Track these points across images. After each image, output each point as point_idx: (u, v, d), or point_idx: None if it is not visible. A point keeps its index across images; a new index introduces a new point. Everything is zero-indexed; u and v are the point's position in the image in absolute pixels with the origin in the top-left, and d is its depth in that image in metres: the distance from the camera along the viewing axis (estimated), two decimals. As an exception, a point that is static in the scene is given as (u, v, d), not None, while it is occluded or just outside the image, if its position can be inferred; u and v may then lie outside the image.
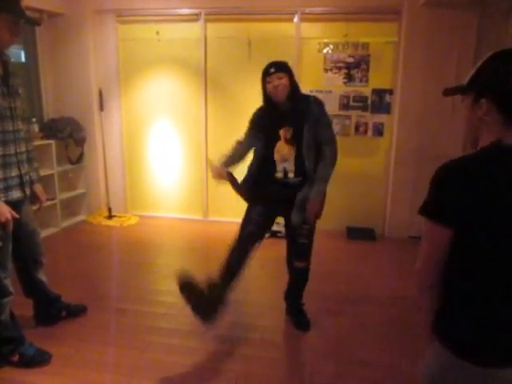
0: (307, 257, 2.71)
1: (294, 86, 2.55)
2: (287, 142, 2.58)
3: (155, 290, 3.34)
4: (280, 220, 2.84)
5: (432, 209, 1.12)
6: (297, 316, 2.89)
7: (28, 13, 4.00)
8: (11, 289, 2.31)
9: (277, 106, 2.57)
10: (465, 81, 1.18)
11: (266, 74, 2.54)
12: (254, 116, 2.71)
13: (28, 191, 2.37)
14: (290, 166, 2.60)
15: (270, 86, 2.51)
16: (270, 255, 3.96)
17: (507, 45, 3.02)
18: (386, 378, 2.35)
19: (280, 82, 2.49)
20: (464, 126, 1.23)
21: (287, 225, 2.75)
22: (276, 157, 2.61)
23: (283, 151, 2.60)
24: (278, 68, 2.51)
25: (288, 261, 2.81)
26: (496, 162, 1.07)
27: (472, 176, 1.06)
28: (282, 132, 2.57)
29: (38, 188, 2.52)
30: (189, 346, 2.61)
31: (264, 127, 2.63)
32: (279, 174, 2.62)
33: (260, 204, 2.66)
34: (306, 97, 2.64)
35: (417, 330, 2.76)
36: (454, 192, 1.07)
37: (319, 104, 2.60)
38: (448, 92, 1.26)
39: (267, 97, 2.58)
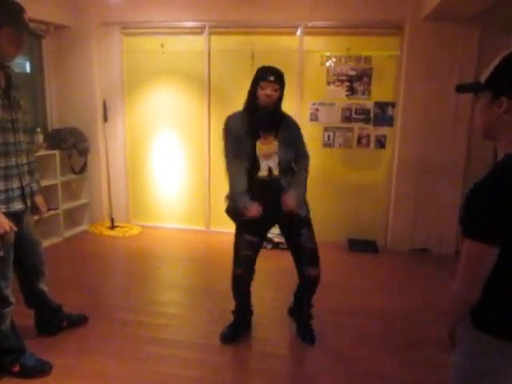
0: (319, 262, 2.64)
1: (279, 100, 2.54)
2: (269, 139, 2.55)
3: (157, 301, 3.34)
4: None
5: (479, 230, 1.11)
6: (303, 329, 2.83)
7: (34, 25, 4.09)
8: (12, 299, 2.31)
9: (258, 109, 2.53)
10: (482, 78, 1.18)
11: (263, 78, 2.48)
12: (228, 130, 2.63)
13: (29, 202, 2.39)
14: (274, 164, 2.54)
15: (262, 93, 2.47)
16: (273, 267, 3.97)
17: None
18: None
19: (273, 93, 2.47)
20: (478, 125, 1.24)
21: (284, 231, 2.72)
22: (259, 154, 2.54)
23: (266, 149, 2.55)
24: (277, 79, 2.48)
25: (299, 270, 2.68)
26: None
27: (507, 190, 1.07)
28: (262, 133, 2.54)
29: (39, 199, 2.53)
30: (190, 358, 2.59)
31: (244, 132, 2.54)
32: (263, 173, 2.55)
33: (250, 222, 2.54)
34: (284, 114, 2.65)
35: (419, 342, 2.75)
36: (495, 209, 1.07)
37: (293, 120, 2.70)
38: (461, 88, 1.27)
39: (254, 98, 2.53)
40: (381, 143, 4.57)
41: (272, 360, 2.59)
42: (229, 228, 4.95)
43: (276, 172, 2.56)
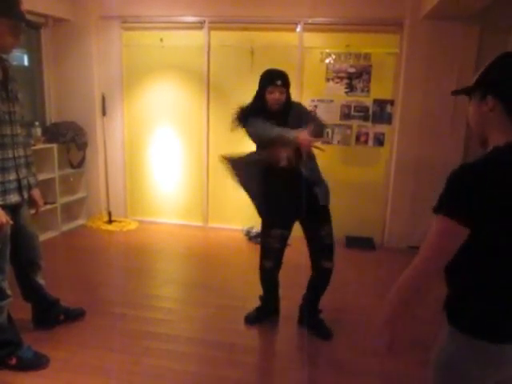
0: (334, 257, 2.73)
1: (288, 99, 2.63)
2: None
3: (154, 296, 3.34)
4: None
5: (449, 207, 1.13)
6: (319, 326, 2.86)
7: (33, 17, 4.07)
8: (9, 292, 2.31)
9: (267, 112, 2.59)
10: (472, 81, 1.23)
11: (270, 82, 2.55)
12: (246, 116, 2.66)
13: (26, 195, 2.39)
14: (291, 154, 2.51)
15: (271, 97, 2.55)
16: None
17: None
18: (384, 388, 2.35)
19: (281, 96, 2.55)
20: (471, 128, 1.28)
21: (304, 223, 2.76)
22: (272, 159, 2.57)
23: (279, 152, 2.55)
24: (283, 82, 2.56)
25: (313, 262, 2.76)
26: (509, 163, 1.11)
27: (487, 177, 1.09)
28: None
29: (36, 192, 2.54)
30: (187, 352, 2.60)
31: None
32: (283, 163, 2.52)
33: (277, 217, 2.69)
34: (294, 104, 2.72)
35: (415, 339, 2.77)
36: (470, 192, 1.09)
37: (299, 103, 2.80)
38: (456, 92, 1.33)
39: (262, 102, 2.60)
40: (379, 141, 4.58)
41: (270, 356, 2.60)
42: (226, 224, 5.00)
43: (293, 162, 2.52)
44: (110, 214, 5.10)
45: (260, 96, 2.62)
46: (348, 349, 2.69)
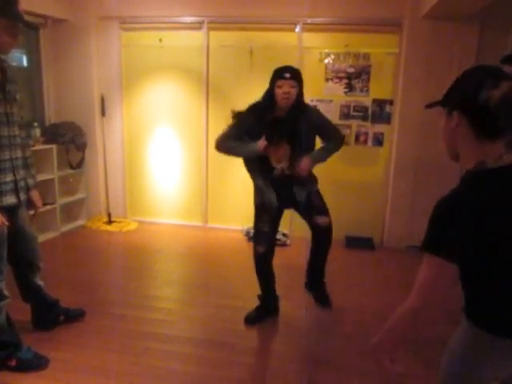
0: (327, 212, 2.78)
1: (300, 97, 2.58)
2: (281, 144, 2.61)
3: (154, 296, 3.34)
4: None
5: (433, 245, 1.15)
6: (320, 294, 2.98)
7: (32, 18, 4.06)
8: (6, 292, 2.30)
9: (276, 109, 2.57)
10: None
11: (278, 76, 2.51)
12: (242, 120, 2.68)
13: (23, 197, 2.39)
14: (286, 165, 2.67)
15: (279, 91, 2.50)
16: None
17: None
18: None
19: (291, 89, 2.50)
20: (442, 143, 1.29)
21: (297, 207, 2.86)
22: (272, 159, 2.66)
23: (277, 156, 2.64)
24: (293, 75, 2.51)
25: (311, 224, 2.82)
26: (481, 188, 1.12)
27: (460, 209, 1.11)
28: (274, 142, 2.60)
29: (34, 194, 2.53)
30: (186, 353, 2.60)
31: (256, 133, 2.59)
32: (277, 172, 2.69)
33: (265, 210, 2.76)
34: (307, 108, 2.70)
35: (415, 339, 2.77)
36: (448, 226, 1.12)
37: (316, 111, 2.78)
38: (429, 105, 1.37)
39: (270, 98, 2.56)
40: (378, 141, 4.58)
41: (270, 355, 2.60)
42: (226, 224, 5.00)
43: (288, 171, 2.67)
44: (109, 214, 5.10)
45: (269, 92, 2.57)
46: (348, 349, 2.69)
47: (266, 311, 3.00)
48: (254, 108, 2.67)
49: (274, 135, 2.56)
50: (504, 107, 1.09)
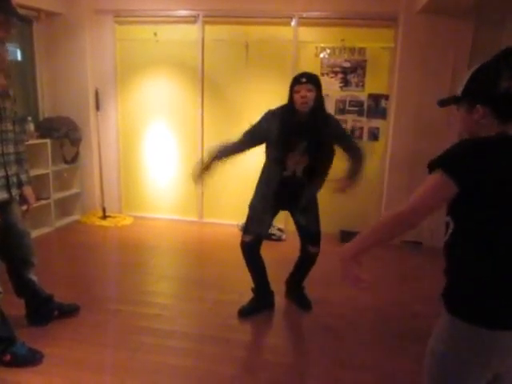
0: (320, 240, 2.92)
1: (319, 101, 2.62)
2: (300, 147, 2.64)
3: (149, 291, 3.34)
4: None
5: (451, 164, 1.17)
6: (300, 298, 3.12)
7: (25, 11, 4.02)
8: (0, 288, 2.30)
9: (296, 115, 2.60)
10: (459, 91, 1.28)
11: (296, 82, 2.58)
12: (264, 122, 2.69)
13: (14, 192, 2.37)
14: (300, 169, 2.70)
15: (297, 96, 2.55)
16: (265, 258, 3.97)
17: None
18: (380, 382, 2.36)
19: (307, 93, 2.54)
20: (462, 131, 1.31)
21: (294, 217, 2.96)
22: (289, 162, 2.69)
23: (295, 159, 2.68)
24: (309, 79, 2.57)
25: (302, 246, 2.99)
26: (503, 147, 1.17)
27: (484, 154, 1.15)
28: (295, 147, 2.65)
29: (28, 190, 2.52)
30: (182, 348, 2.60)
31: (278, 135, 2.62)
32: (288, 173, 2.72)
33: (265, 201, 2.81)
34: (327, 115, 2.77)
35: (410, 333, 2.79)
36: (468, 160, 1.15)
37: (336, 120, 2.85)
38: (443, 103, 1.36)
39: (291, 104, 2.60)
40: (374, 135, 4.58)
41: (265, 350, 2.61)
42: (221, 219, 4.99)
43: (300, 174, 2.72)
44: (104, 209, 5.08)
45: (289, 98, 2.62)
46: (342, 343, 2.70)
47: (259, 304, 3.02)
48: (273, 113, 2.69)
49: (292, 137, 2.61)
50: None
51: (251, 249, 2.90)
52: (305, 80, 2.55)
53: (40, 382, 2.24)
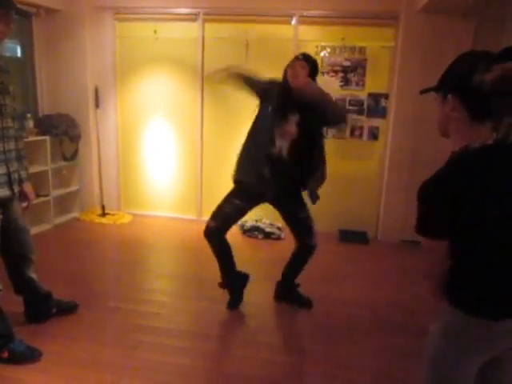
0: (316, 235, 2.92)
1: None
2: (292, 120, 2.66)
3: (147, 289, 3.34)
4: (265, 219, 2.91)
5: (422, 228, 1.22)
6: (298, 298, 3.08)
7: (24, 7, 4.00)
8: (0, 285, 2.30)
9: (291, 91, 2.62)
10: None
11: (294, 59, 2.66)
12: (269, 82, 2.76)
13: (16, 189, 2.37)
14: (286, 145, 2.67)
15: (291, 71, 2.61)
16: (264, 257, 3.99)
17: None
18: (376, 381, 2.36)
19: (300, 69, 2.59)
20: (437, 124, 1.31)
21: (282, 212, 2.94)
22: (277, 132, 2.66)
23: (285, 128, 2.66)
24: (306, 58, 2.64)
25: (300, 240, 2.94)
26: (466, 168, 1.17)
27: (449, 187, 1.16)
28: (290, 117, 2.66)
29: (27, 186, 2.51)
30: (180, 346, 2.60)
31: (273, 101, 2.67)
32: (275, 150, 2.68)
33: (245, 191, 2.80)
34: None
35: (408, 331, 2.79)
36: (439, 206, 1.17)
37: None
38: (423, 91, 1.42)
39: (285, 79, 2.65)
40: (373, 134, 4.58)
41: (263, 348, 2.61)
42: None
43: (285, 154, 2.68)
44: (103, 206, 5.08)
45: (284, 73, 2.68)
46: (340, 342, 2.71)
47: (238, 290, 3.04)
48: (276, 81, 2.76)
49: (282, 106, 2.64)
50: (495, 90, 1.12)
51: (214, 234, 2.86)
52: (301, 57, 2.63)
53: (38, 380, 2.24)
